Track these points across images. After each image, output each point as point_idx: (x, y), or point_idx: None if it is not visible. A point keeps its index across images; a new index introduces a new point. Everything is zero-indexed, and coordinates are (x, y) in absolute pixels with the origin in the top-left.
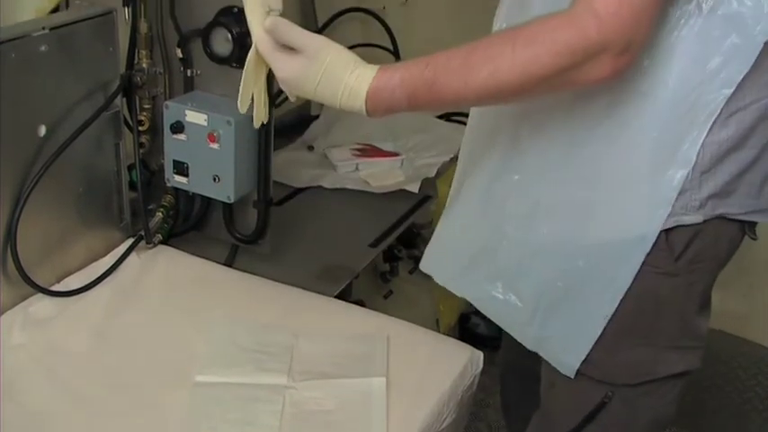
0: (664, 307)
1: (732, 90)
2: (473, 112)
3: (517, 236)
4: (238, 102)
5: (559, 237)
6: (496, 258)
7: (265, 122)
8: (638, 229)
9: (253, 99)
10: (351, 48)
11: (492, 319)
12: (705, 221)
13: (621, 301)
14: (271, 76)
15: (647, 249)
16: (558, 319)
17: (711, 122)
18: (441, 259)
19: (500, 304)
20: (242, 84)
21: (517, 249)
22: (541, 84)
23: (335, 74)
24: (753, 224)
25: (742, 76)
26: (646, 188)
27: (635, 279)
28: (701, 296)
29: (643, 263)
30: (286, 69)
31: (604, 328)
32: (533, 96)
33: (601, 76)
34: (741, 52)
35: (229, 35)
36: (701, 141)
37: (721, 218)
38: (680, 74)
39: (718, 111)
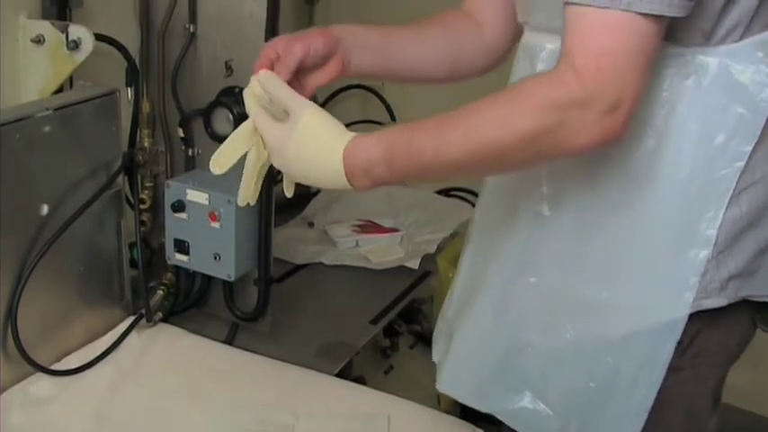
0: (668, 405)
1: (744, 162)
2: (478, 208)
3: (540, 341)
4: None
5: (584, 337)
6: (520, 367)
7: (252, 203)
8: (665, 316)
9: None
10: (350, 124)
11: (523, 431)
12: (729, 305)
13: None
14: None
15: (678, 336)
16: (594, 422)
17: (728, 198)
18: (458, 376)
19: (530, 415)
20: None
21: (542, 355)
22: (525, 144)
23: (316, 135)
24: (765, 315)
25: (751, 147)
26: (668, 273)
27: None
28: (713, 392)
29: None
30: (273, 135)
31: None
32: (518, 161)
33: (589, 137)
34: (747, 123)
35: (230, 115)
36: (720, 219)
37: (745, 301)
38: (688, 152)
39: (734, 185)
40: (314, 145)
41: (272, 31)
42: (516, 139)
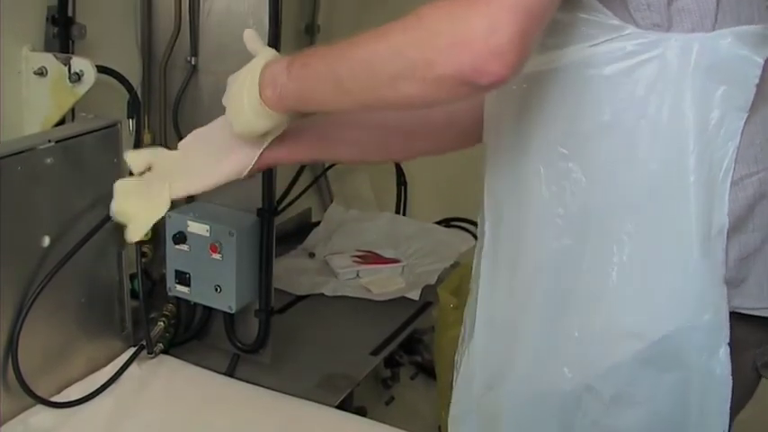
0: None
1: (738, 141)
2: (485, 263)
3: (599, 386)
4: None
5: (639, 371)
6: (580, 420)
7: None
8: (709, 320)
9: None
10: None
11: None
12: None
13: None
14: None
15: (727, 338)
16: None
17: (729, 180)
18: None
19: None
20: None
21: (602, 401)
22: (392, 54)
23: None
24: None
25: (743, 123)
26: (701, 273)
27: None
28: None
29: None
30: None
31: None
32: (384, 75)
33: (471, 55)
34: (734, 99)
35: None
36: (726, 202)
37: (735, 314)
38: (694, 137)
39: (732, 166)
40: (245, 70)
41: None
42: (385, 46)
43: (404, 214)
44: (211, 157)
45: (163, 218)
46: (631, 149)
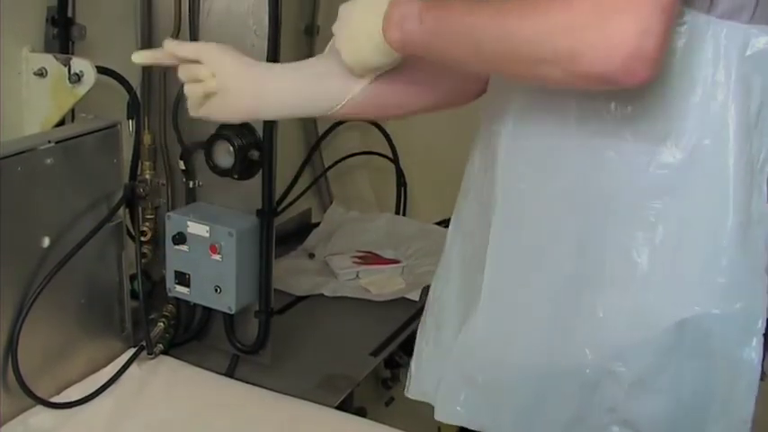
0: None
1: None
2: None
3: (623, 370)
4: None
5: (665, 354)
6: (598, 403)
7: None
8: (744, 308)
9: None
10: (350, 156)
11: None
12: None
13: None
14: None
15: (762, 327)
16: None
17: (767, 171)
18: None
19: None
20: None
21: (625, 383)
22: (562, 32)
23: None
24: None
25: None
26: (737, 261)
27: None
28: None
29: None
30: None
31: None
32: (531, 65)
33: (614, 51)
34: None
35: (231, 148)
36: (765, 190)
37: None
38: (735, 125)
39: None
40: (362, 2)
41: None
42: (530, 25)
43: (404, 215)
44: (299, 82)
45: (163, 219)
46: (669, 129)
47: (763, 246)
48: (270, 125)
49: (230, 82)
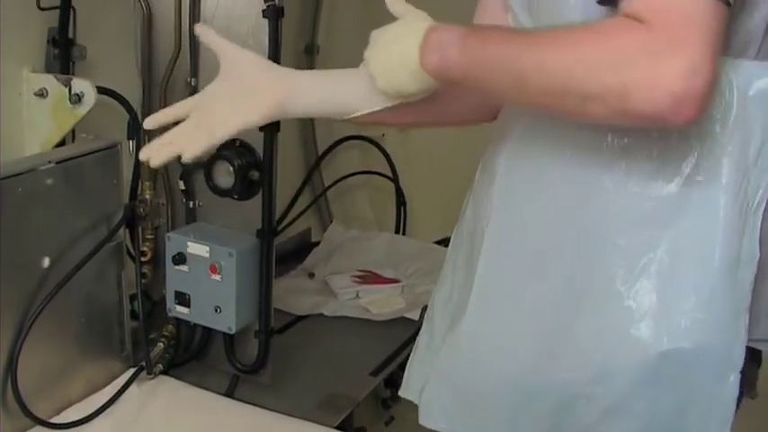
0: None
1: None
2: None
3: (598, 392)
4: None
5: (641, 382)
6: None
7: None
8: (724, 346)
9: None
10: (350, 175)
11: None
12: None
13: None
14: None
15: (740, 365)
16: None
17: (762, 210)
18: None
19: None
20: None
21: (598, 408)
22: (595, 76)
23: (408, 25)
24: (753, 383)
25: None
26: (723, 299)
27: None
28: None
29: None
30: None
31: None
32: (580, 98)
33: (664, 89)
34: None
35: (231, 168)
36: (758, 232)
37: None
38: (730, 164)
39: (766, 197)
40: (398, 27)
41: None
42: (576, 59)
43: (403, 234)
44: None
45: (163, 239)
46: (664, 163)
47: (749, 286)
48: (270, 145)
49: (259, 78)
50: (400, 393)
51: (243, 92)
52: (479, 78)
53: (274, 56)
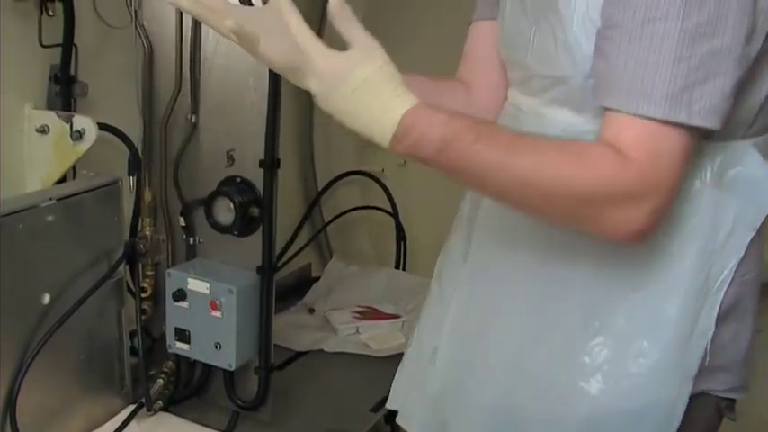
0: None
1: (741, 255)
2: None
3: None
4: None
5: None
6: None
7: None
8: (667, 407)
9: None
10: (350, 210)
11: None
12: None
13: None
14: None
15: (677, 423)
16: None
17: (723, 290)
18: None
19: None
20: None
21: None
22: (571, 205)
23: (380, 84)
24: (731, 403)
25: (749, 241)
26: (674, 364)
27: None
28: None
29: None
30: (327, 62)
31: None
32: (555, 215)
33: (630, 225)
34: (747, 217)
35: (231, 204)
36: (716, 309)
37: (703, 394)
38: (697, 246)
39: (731, 277)
40: (373, 95)
41: (273, 121)
42: (564, 196)
43: (404, 269)
44: None
45: (163, 275)
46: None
47: (699, 357)
48: (270, 182)
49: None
50: (387, 405)
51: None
52: (454, 176)
53: (274, 93)
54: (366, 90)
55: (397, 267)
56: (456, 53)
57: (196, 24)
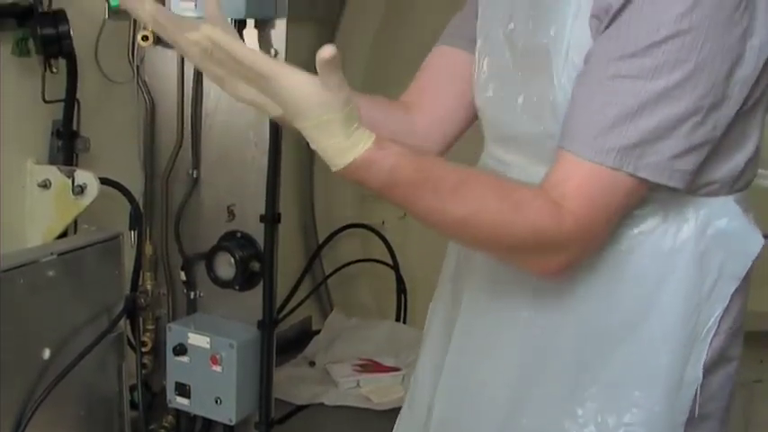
0: None
1: (726, 304)
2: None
3: None
4: None
5: None
6: None
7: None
8: None
9: None
10: (351, 263)
11: None
12: None
13: None
14: None
15: None
16: None
17: (710, 339)
18: None
19: None
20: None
21: None
22: (502, 249)
23: (339, 124)
24: None
25: (733, 290)
26: (663, 413)
27: None
28: None
29: None
30: (301, 85)
31: None
32: (489, 251)
33: (551, 268)
34: (731, 268)
35: (232, 259)
36: (703, 358)
37: None
38: (683, 297)
39: (716, 326)
40: (332, 133)
41: (273, 176)
42: (498, 244)
43: (404, 322)
44: None
45: (164, 330)
46: (616, 290)
47: (688, 404)
48: (270, 237)
49: None
50: None
51: None
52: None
53: (275, 149)
54: (324, 129)
55: (397, 320)
56: None
57: (198, 80)
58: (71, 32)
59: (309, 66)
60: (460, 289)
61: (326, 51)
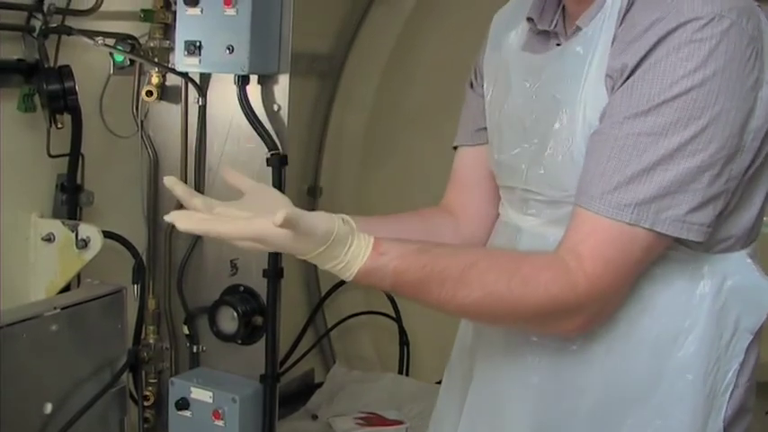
0: None
1: (742, 358)
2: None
3: None
4: None
5: None
6: None
7: None
8: None
9: None
10: (353, 316)
11: None
12: None
13: None
14: None
15: None
16: None
17: (729, 394)
18: None
19: None
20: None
21: None
22: (518, 321)
23: (331, 251)
24: None
25: (748, 343)
26: None
27: None
28: None
29: None
30: (284, 240)
31: None
32: (502, 326)
33: (569, 329)
34: (746, 322)
35: (235, 313)
36: (724, 411)
37: None
38: (703, 354)
39: (734, 380)
40: (332, 257)
41: None
42: (514, 319)
43: (406, 375)
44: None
45: (166, 384)
46: (640, 351)
47: None
48: (273, 291)
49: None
50: None
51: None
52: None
53: None
54: (319, 259)
55: (400, 372)
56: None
57: (201, 135)
58: (76, 88)
59: (313, 120)
60: (475, 349)
61: (277, 219)
